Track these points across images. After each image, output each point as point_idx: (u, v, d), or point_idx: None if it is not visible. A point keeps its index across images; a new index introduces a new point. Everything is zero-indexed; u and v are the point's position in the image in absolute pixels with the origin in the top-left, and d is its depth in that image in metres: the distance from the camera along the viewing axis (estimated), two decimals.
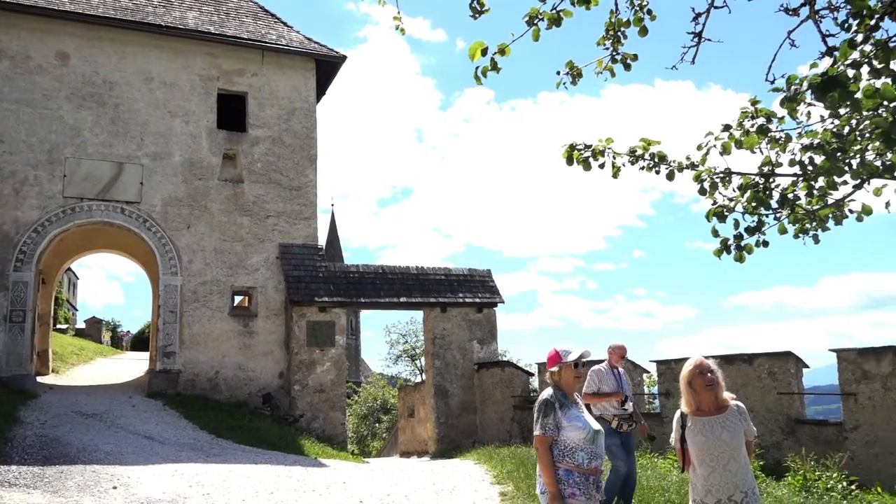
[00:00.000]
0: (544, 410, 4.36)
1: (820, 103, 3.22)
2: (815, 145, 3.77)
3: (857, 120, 3.59)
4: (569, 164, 4.23)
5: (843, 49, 3.15)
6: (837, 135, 3.69)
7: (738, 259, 4.24)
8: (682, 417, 4.71)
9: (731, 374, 12.76)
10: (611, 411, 8.21)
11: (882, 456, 10.57)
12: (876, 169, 3.69)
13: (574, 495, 4.21)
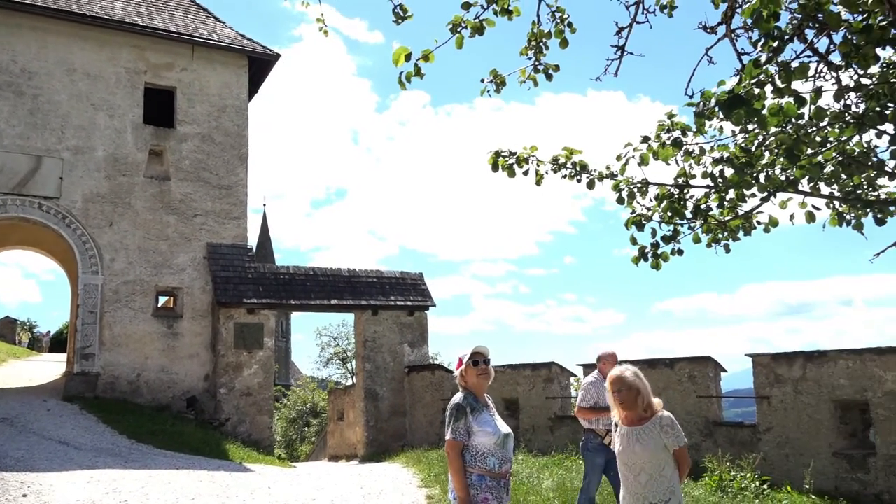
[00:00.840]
0: (455, 415, 4.32)
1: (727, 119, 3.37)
2: (725, 159, 3.94)
3: (763, 136, 3.77)
4: (494, 171, 4.30)
5: (748, 68, 3.31)
6: (745, 150, 3.86)
7: (655, 266, 4.39)
8: (614, 425, 4.80)
9: (654, 378, 13.14)
10: (602, 425, 7.40)
11: (792, 456, 11.06)
12: (781, 183, 3.87)
13: (487, 500, 4.21)
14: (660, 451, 4.52)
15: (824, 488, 10.27)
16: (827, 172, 4.00)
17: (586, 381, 7.88)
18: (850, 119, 3.72)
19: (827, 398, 10.81)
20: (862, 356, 10.46)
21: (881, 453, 10.14)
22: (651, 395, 4.65)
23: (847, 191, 4.19)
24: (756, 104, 3.18)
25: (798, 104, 3.35)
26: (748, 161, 3.77)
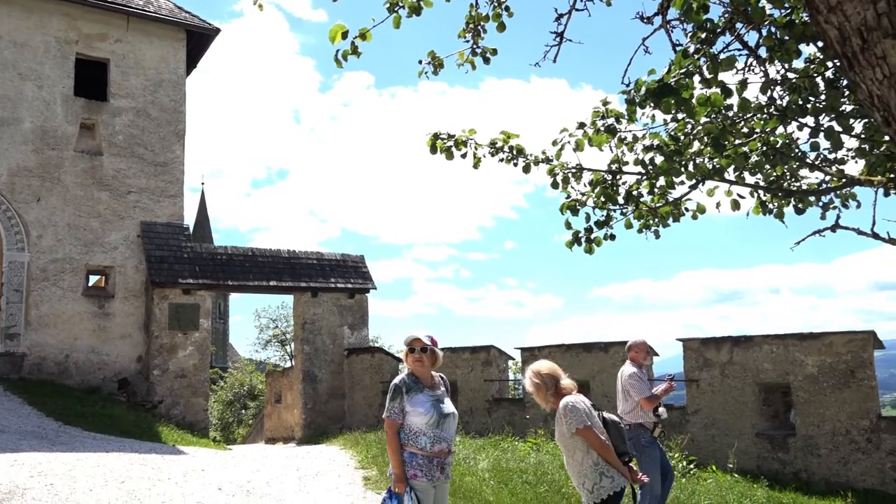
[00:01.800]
0: (392, 395, 4.53)
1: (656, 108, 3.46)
2: (656, 147, 4.03)
3: (692, 126, 3.88)
4: (432, 153, 4.30)
5: (677, 59, 3.40)
6: (675, 138, 3.97)
7: (588, 251, 4.48)
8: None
9: (589, 362, 13.45)
10: (650, 418, 7.15)
11: (718, 437, 11.50)
12: (708, 171, 4.00)
13: (416, 476, 4.40)
14: (565, 437, 4.71)
15: (747, 468, 10.73)
16: (752, 162, 4.15)
17: (629, 372, 7.26)
18: (773, 111, 3.86)
19: (752, 381, 11.27)
20: (785, 341, 10.92)
21: (800, 434, 10.64)
22: (558, 384, 4.81)
23: (770, 181, 4.35)
24: (684, 94, 3.28)
25: (725, 95, 3.46)
26: (677, 149, 3.88)
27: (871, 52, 1.60)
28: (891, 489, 9.59)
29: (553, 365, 5.03)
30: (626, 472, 4.68)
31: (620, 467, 4.66)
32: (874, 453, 9.84)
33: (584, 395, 14.74)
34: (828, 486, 9.96)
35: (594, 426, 4.66)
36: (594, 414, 4.77)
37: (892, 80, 1.57)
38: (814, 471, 10.37)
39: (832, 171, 4.24)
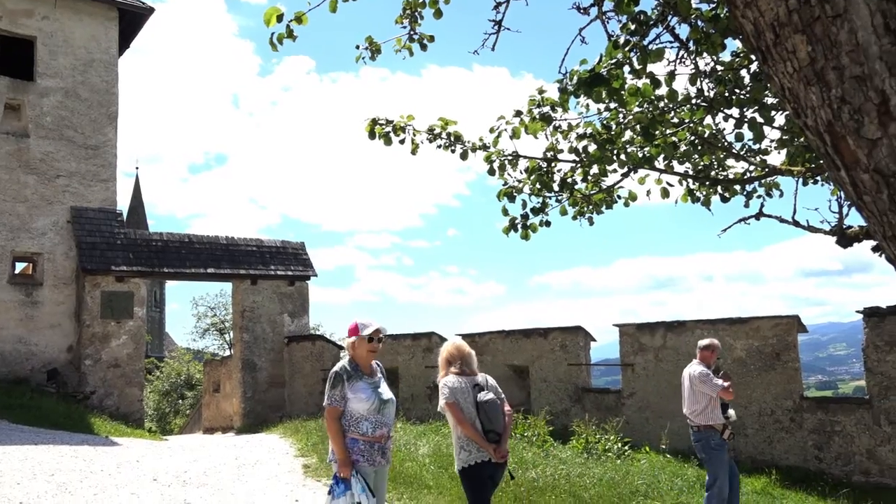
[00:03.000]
0: (332, 382, 4.60)
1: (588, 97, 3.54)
2: (589, 135, 4.12)
3: (623, 115, 3.98)
4: (371, 139, 4.29)
5: (608, 49, 3.48)
6: (607, 127, 4.06)
7: (524, 237, 4.54)
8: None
9: (528, 348, 13.66)
10: (720, 420, 7.18)
11: (652, 419, 11.86)
12: (639, 160, 4.10)
13: (358, 462, 4.50)
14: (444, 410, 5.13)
15: (679, 448, 11.09)
16: (681, 152, 4.28)
17: (698, 371, 7.27)
18: (701, 102, 3.99)
19: (684, 365, 11.59)
20: (715, 326, 11.31)
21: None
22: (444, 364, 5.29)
23: (698, 170, 4.50)
24: (615, 83, 3.35)
25: (654, 86, 3.56)
26: (609, 138, 3.97)
27: (782, 46, 1.67)
28: (812, 465, 10.07)
29: (459, 347, 5.38)
30: (487, 447, 4.95)
31: (482, 442, 4.95)
32: (797, 432, 10.30)
33: (523, 379, 14.85)
34: (754, 464, 10.39)
35: (458, 403, 4.99)
36: (469, 393, 5.09)
37: (802, 73, 1.64)
38: (741, 450, 10.80)
39: (756, 161, 4.42)
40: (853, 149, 1.60)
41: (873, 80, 1.54)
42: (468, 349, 5.40)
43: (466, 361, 5.33)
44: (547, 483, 8.63)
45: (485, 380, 5.31)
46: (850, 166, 1.63)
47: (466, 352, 5.36)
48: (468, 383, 5.19)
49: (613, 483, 8.67)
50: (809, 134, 1.73)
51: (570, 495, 8.18)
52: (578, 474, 9.04)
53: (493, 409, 5.07)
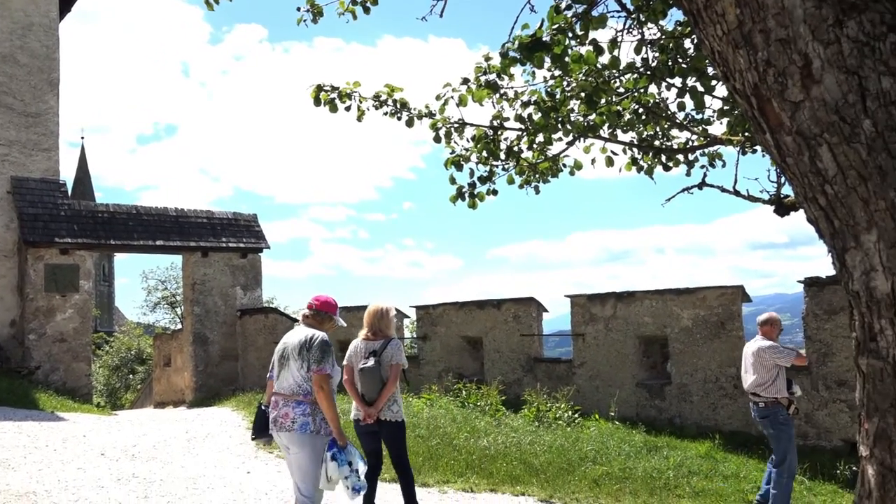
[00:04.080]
0: (328, 350, 4.71)
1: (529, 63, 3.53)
2: (533, 102, 4.12)
3: (567, 83, 3.98)
4: (316, 105, 4.21)
5: (549, 14, 3.46)
6: (551, 94, 4.06)
7: (472, 206, 4.54)
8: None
9: (482, 318, 13.76)
10: (785, 394, 7.07)
11: (601, 388, 12.10)
12: (583, 128, 4.12)
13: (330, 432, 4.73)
14: None
15: (627, 415, 11.37)
16: (624, 120, 4.31)
17: (767, 344, 7.14)
18: (644, 71, 4.02)
19: (633, 334, 11.88)
20: (664, 296, 11.55)
21: (675, 382, 11.35)
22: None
23: (642, 139, 4.54)
24: (556, 49, 3.35)
25: (597, 53, 3.57)
26: (553, 106, 3.98)
27: (712, 9, 1.69)
28: (752, 430, 10.41)
29: (369, 312, 5.94)
30: (360, 407, 5.66)
31: (357, 402, 5.70)
32: (739, 398, 10.63)
33: (477, 350, 15.04)
34: (698, 430, 10.71)
35: (351, 365, 5.77)
36: (361, 357, 5.73)
37: (730, 36, 1.66)
38: (687, 416, 11.11)
39: (698, 131, 4.48)
40: (777, 111, 1.62)
41: (797, 42, 1.56)
42: (379, 315, 5.85)
43: (374, 326, 5.83)
44: (498, 451, 8.77)
45: (383, 346, 5.73)
46: (774, 129, 1.65)
47: (375, 317, 5.84)
48: (366, 348, 5.77)
49: (563, 450, 8.86)
50: (738, 97, 1.76)
51: (521, 462, 8.34)
52: (529, 442, 9.21)
53: (365, 377, 5.57)
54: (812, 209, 1.64)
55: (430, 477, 7.86)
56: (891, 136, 1.48)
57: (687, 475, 8.23)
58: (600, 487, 7.60)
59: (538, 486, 7.55)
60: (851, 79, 1.51)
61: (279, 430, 4.69)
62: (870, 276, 1.53)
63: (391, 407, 5.71)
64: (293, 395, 4.68)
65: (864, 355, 1.57)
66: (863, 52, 1.50)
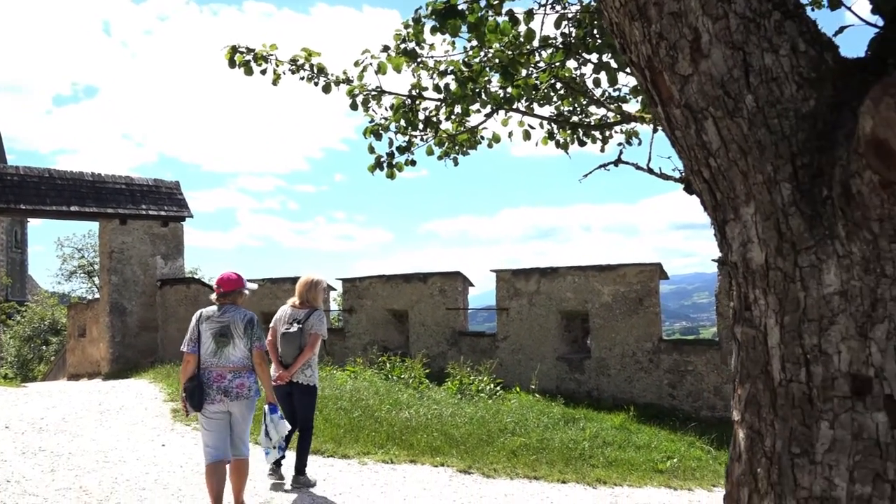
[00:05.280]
0: (259, 326, 5.31)
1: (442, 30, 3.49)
2: (450, 72, 4.09)
3: (484, 53, 3.97)
4: (231, 67, 4.07)
5: None
6: (468, 65, 4.04)
7: (390, 176, 4.50)
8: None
9: (408, 292, 13.77)
10: None
11: (523, 361, 12.33)
12: (500, 100, 4.12)
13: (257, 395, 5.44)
14: None
15: (547, 388, 11.62)
16: (540, 94, 4.34)
17: None
18: (560, 44, 4.04)
19: (555, 309, 12.12)
20: (586, 272, 11.81)
21: (595, 356, 11.66)
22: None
23: (559, 114, 4.59)
24: (470, 17, 3.33)
25: (513, 24, 3.56)
26: (470, 76, 3.96)
27: None
28: (665, 402, 10.83)
29: (300, 283, 6.45)
30: (277, 368, 6.22)
31: (275, 364, 6.25)
32: (654, 372, 11.02)
33: (402, 324, 15.11)
34: (615, 402, 11.05)
35: (276, 330, 6.35)
36: (285, 323, 6.31)
37: (627, 8, 1.67)
38: (604, 389, 11.45)
39: (613, 108, 4.55)
40: (668, 84, 1.65)
41: (688, 16, 1.58)
42: (308, 286, 6.38)
43: (303, 296, 6.39)
44: (420, 423, 8.83)
45: (307, 315, 6.27)
46: (665, 102, 1.68)
47: (305, 288, 6.40)
48: (292, 315, 6.35)
49: (483, 421, 8.99)
50: (634, 70, 1.78)
51: (442, 434, 8.43)
52: (451, 414, 9.31)
53: (286, 341, 6.16)
54: (697, 182, 1.68)
55: (350, 449, 7.87)
56: (770, 111, 1.52)
57: (602, 446, 8.48)
58: (518, 458, 7.75)
59: (457, 457, 7.65)
60: (737, 54, 1.54)
61: (233, 400, 5.17)
62: (746, 248, 1.58)
63: (304, 371, 6.26)
64: (244, 367, 5.24)
65: (739, 324, 1.63)
66: (748, 29, 1.53)
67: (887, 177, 1.32)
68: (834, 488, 1.43)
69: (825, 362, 1.45)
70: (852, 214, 1.40)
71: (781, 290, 1.51)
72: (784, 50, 1.52)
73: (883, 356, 1.40)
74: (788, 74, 1.52)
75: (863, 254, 1.41)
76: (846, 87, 1.50)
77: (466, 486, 6.72)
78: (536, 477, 7.17)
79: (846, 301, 1.43)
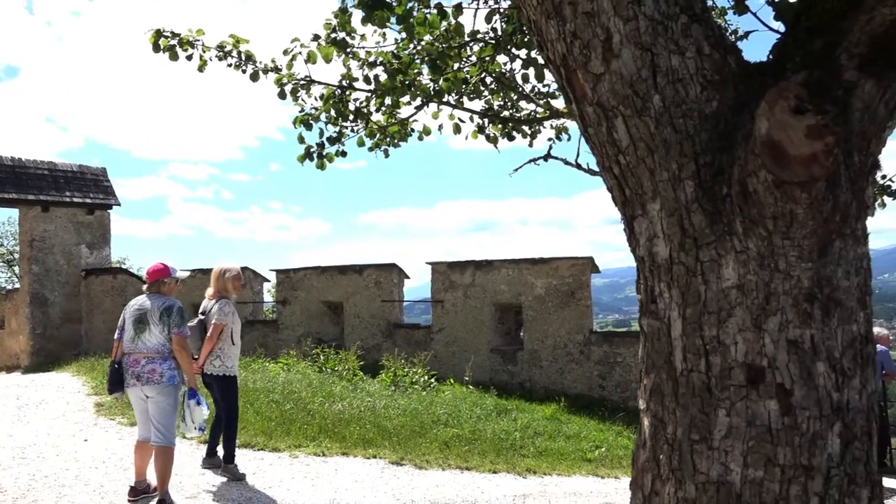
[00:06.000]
0: (182, 314, 5.46)
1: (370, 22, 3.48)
2: (379, 63, 4.08)
3: (414, 45, 3.97)
4: (155, 51, 3.95)
5: None
6: (397, 56, 4.04)
7: (320, 167, 4.46)
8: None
9: (343, 284, 13.68)
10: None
11: (458, 353, 12.41)
12: (429, 93, 4.14)
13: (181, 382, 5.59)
14: None
15: (481, 380, 11.74)
16: (470, 88, 4.37)
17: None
18: (489, 39, 4.08)
19: (490, 302, 12.24)
20: (519, 265, 11.96)
21: (527, 348, 11.84)
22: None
23: (489, 108, 4.63)
24: (398, 9, 3.33)
25: (441, 17, 3.57)
26: (399, 68, 3.96)
27: None
28: (595, 393, 11.09)
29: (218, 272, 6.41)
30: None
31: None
32: (585, 363, 11.26)
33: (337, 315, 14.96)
34: (546, 393, 11.25)
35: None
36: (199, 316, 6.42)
37: (543, 7, 1.71)
38: (536, 380, 11.64)
39: (541, 103, 4.63)
40: (582, 82, 1.69)
41: (601, 17, 1.62)
42: (216, 275, 6.40)
43: (215, 286, 6.42)
44: (353, 415, 8.81)
45: (209, 307, 6.35)
46: (579, 99, 1.72)
47: (213, 278, 6.43)
48: (204, 306, 6.45)
49: (416, 413, 9.03)
50: (551, 67, 1.81)
51: (374, 426, 8.42)
52: (384, 406, 9.31)
53: (192, 333, 6.10)
54: (608, 178, 1.74)
55: (281, 442, 7.79)
56: (676, 111, 1.58)
57: (533, 436, 8.63)
58: (450, 449, 7.82)
59: (390, 449, 7.67)
60: (645, 55, 1.59)
61: (144, 385, 5.36)
62: (652, 243, 1.64)
63: (213, 362, 6.26)
64: (158, 354, 5.40)
65: (645, 316, 1.69)
66: (657, 31, 1.59)
67: (780, 176, 1.39)
68: (729, 473, 1.50)
69: (723, 353, 1.52)
70: (749, 212, 1.46)
71: (684, 284, 1.57)
72: (690, 52, 1.58)
73: (775, 347, 1.48)
74: (693, 76, 1.58)
75: (758, 249, 1.48)
76: (747, 90, 1.57)
77: (398, 478, 6.74)
78: (468, 468, 7.25)
79: (743, 294, 1.50)
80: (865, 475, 1.51)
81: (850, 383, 1.51)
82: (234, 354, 6.39)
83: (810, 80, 1.50)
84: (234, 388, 6.46)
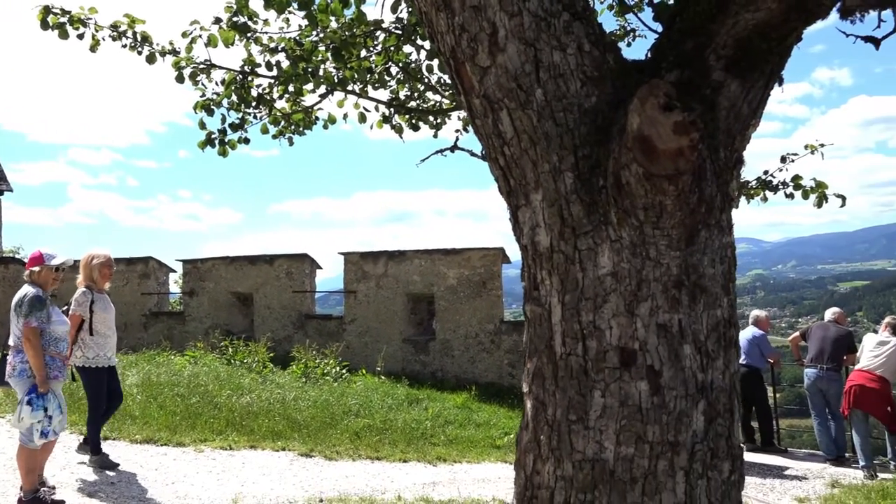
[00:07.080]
0: (37, 305, 5.13)
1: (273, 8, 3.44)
2: (281, 49, 4.03)
3: (317, 33, 3.94)
4: (43, 29, 3.76)
5: None
6: (299, 43, 3.99)
7: (222, 153, 4.36)
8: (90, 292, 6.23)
9: (253, 274, 13.41)
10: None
11: (370, 343, 12.39)
12: (333, 81, 4.11)
13: (57, 377, 5.23)
14: None
15: (393, 370, 11.77)
16: (374, 77, 4.37)
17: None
18: (393, 29, 4.09)
19: (402, 292, 12.28)
20: (432, 256, 12.04)
21: (439, 338, 11.94)
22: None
23: (395, 98, 4.64)
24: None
25: (343, 5, 3.56)
26: (302, 55, 3.92)
27: None
28: (506, 381, 11.31)
29: (82, 261, 6.26)
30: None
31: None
32: (496, 352, 11.46)
33: (247, 307, 14.61)
34: (458, 382, 11.40)
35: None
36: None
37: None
38: (448, 369, 11.77)
39: (447, 94, 4.68)
40: (469, 75, 1.73)
41: (487, 11, 1.66)
42: (82, 265, 6.26)
43: (83, 275, 6.29)
44: (262, 407, 8.66)
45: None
46: (467, 91, 1.76)
47: (80, 268, 6.28)
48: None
49: (327, 404, 8.96)
50: (441, 59, 1.84)
51: (284, 418, 8.32)
52: (294, 398, 9.19)
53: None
54: (494, 168, 1.79)
55: (186, 436, 7.60)
56: (557, 105, 1.64)
57: (443, 425, 8.73)
58: (361, 439, 7.82)
59: (300, 441, 7.60)
60: (529, 50, 1.64)
61: (7, 378, 5.22)
62: (535, 232, 1.70)
63: (76, 353, 6.15)
64: (15, 346, 5.19)
65: (528, 302, 1.76)
66: (540, 27, 1.64)
67: (650, 169, 1.47)
68: (603, 451, 1.58)
69: (598, 337, 1.60)
70: (623, 203, 1.54)
71: (563, 272, 1.64)
72: (571, 49, 1.64)
73: (646, 331, 1.57)
74: (574, 72, 1.64)
75: (631, 238, 1.56)
76: (623, 87, 1.64)
77: (307, 470, 6.69)
78: (379, 457, 7.27)
79: (617, 281, 1.58)
80: (727, 449, 1.62)
81: (714, 364, 1.62)
82: (98, 344, 6.21)
83: (681, 79, 1.59)
84: (93, 379, 6.26)
